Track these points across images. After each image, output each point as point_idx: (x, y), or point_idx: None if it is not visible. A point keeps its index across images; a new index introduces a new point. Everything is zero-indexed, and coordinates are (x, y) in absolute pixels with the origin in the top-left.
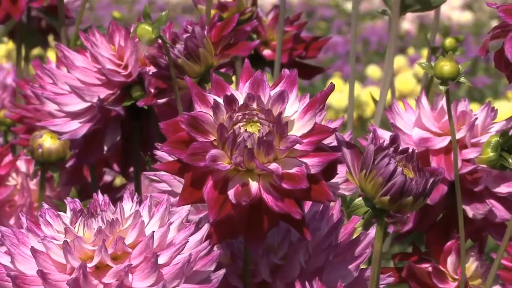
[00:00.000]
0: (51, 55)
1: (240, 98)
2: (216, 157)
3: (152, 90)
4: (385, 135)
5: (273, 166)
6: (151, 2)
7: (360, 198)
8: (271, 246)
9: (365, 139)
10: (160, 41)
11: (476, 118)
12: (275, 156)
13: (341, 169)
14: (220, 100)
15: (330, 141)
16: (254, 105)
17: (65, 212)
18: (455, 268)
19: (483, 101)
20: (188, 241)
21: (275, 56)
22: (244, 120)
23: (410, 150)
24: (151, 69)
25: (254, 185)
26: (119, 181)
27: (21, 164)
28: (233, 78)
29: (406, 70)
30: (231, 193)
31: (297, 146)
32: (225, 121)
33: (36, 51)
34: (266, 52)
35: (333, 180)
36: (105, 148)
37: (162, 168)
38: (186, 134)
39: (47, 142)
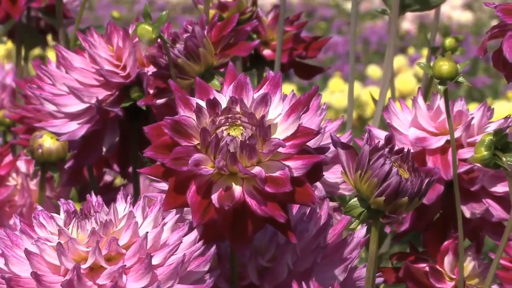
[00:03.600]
0: (51, 55)
1: (224, 101)
2: (199, 161)
3: (151, 91)
4: (381, 135)
5: (256, 169)
6: (151, 2)
7: (356, 199)
8: (258, 248)
9: (361, 139)
10: (160, 41)
11: (472, 118)
12: (258, 159)
13: (340, 169)
14: (203, 104)
15: (328, 141)
16: (237, 109)
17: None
18: (452, 267)
19: (483, 101)
20: (182, 242)
21: (275, 56)
22: (227, 123)
23: (405, 150)
24: (150, 70)
25: (237, 189)
26: (119, 181)
27: (21, 164)
28: None
29: (406, 70)
30: (214, 197)
31: (281, 149)
32: (208, 125)
33: (36, 51)
34: (266, 52)
35: (332, 180)
36: (104, 149)
37: (147, 172)
38: (170, 139)
39: (47, 142)
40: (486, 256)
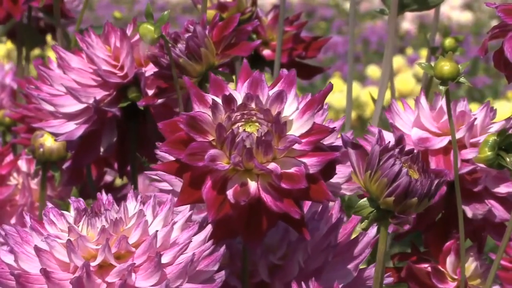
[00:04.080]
0: (51, 55)
1: (239, 98)
2: (214, 157)
3: (148, 91)
4: (385, 136)
5: (272, 166)
6: (151, 2)
7: (365, 199)
8: (270, 246)
9: (364, 140)
10: (161, 40)
11: (475, 118)
12: (274, 156)
13: (342, 169)
14: (219, 100)
15: (332, 141)
16: (253, 105)
17: (66, 211)
18: (454, 268)
19: (483, 101)
20: (191, 241)
21: (275, 56)
22: (243, 120)
23: (416, 151)
24: (147, 70)
25: (253, 185)
26: (119, 181)
27: (22, 164)
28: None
29: (406, 70)
30: (229, 193)
31: (296, 146)
32: (224, 121)
33: (37, 51)
34: (266, 52)
35: (334, 180)
36: (102, 149)
37: (160, 169)
38: (185, 134)
39: (49, 141)
40: (486, 257)
